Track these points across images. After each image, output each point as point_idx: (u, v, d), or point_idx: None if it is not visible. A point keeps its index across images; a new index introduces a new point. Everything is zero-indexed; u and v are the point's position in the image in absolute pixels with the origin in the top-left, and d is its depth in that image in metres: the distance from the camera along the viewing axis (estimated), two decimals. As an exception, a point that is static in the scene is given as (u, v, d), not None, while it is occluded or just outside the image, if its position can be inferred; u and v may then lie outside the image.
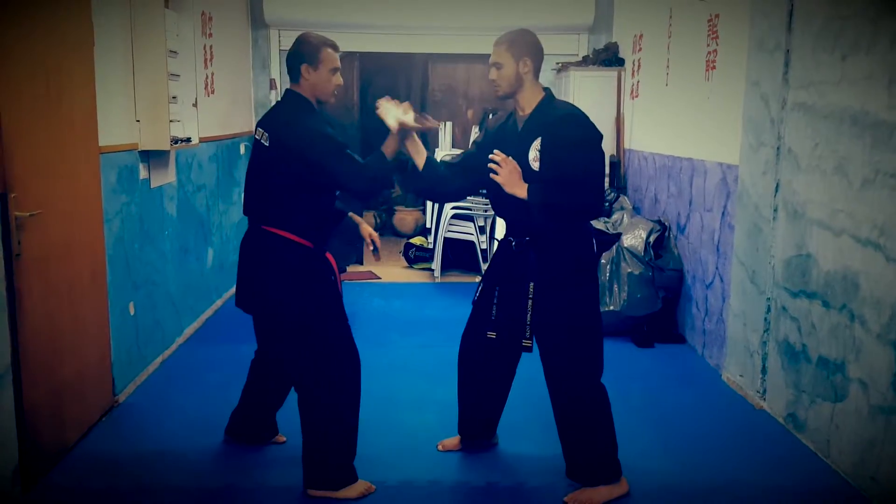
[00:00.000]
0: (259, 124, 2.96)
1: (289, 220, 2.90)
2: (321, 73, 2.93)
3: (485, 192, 3.10)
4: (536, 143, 2.87)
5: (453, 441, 3.40)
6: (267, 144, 2.88)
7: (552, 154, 2.85)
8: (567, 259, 2.92)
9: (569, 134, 2.84)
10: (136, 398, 3.93)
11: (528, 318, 2.93)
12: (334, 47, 2.97)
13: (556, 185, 2.81)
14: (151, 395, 3.99)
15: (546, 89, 3.00)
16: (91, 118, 3.51)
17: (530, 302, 2.92)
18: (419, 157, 3.02)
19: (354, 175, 2.86)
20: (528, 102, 2.96)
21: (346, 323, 3.02)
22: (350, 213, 3.30)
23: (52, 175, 3.15)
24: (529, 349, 2.98)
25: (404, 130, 2.93)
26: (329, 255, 3.04)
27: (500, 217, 3.17)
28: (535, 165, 2.87)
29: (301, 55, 2.93)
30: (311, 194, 2.91)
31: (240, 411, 3.37)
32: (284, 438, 3.41)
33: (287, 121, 2.90)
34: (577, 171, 2.81)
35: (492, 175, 2.88)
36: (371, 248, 3.36)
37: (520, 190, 2.84)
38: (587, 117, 2.90)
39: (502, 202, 2.97)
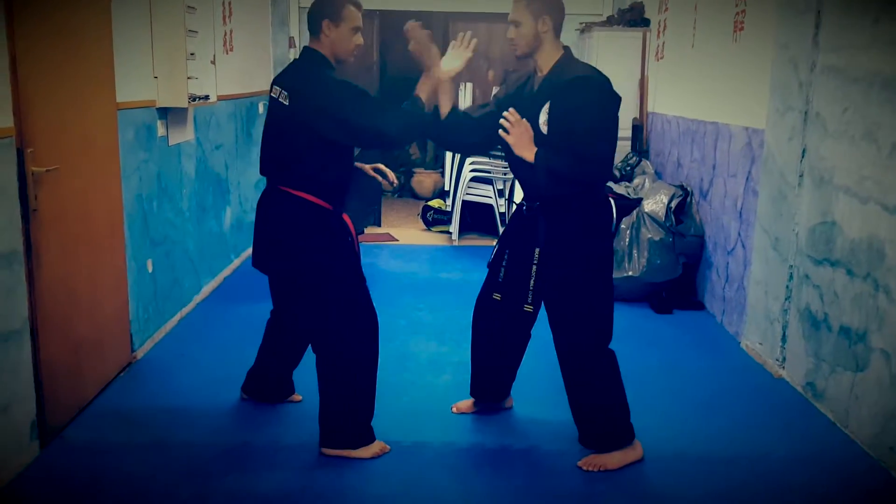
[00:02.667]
0: (275, 82, 2.91)
1: (307, 181, 2.86)
2: (342, 30, 2.88)
3: (500, 150, 3.06)
4: (546, 107, 2.81)
5: (468, 403, 3.40)
6: (286, 103, 2.82)
7: (561, 118, 2.78)
8: (577, 226, 2.87)
9: (580, 99, 2.76)
10: (153, 355, 3.96)
11: (532, 284, 2.91)
12: (357, 6, 2.91)
13: (562, 150, 2.76)
14: (169, 351, 4.01)
15: (565, 49, 2.92)
16: (108, 74, 3.49)
17: (534, 267, 2.90)
18: (446, 104, 3.00)
19: (382, 118, 2.78)
20: (546, 63, 2.89)
21: (363, 284, 3.00)
22: (357, 165, 3.24)
23: (69, 131, 3.13)
24: (532, 314, 2.98)
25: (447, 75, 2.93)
26: (346, 217, 3.01)
27: (516, 178, 3.14)
28: (545, 129, 2.82)
29: (323, 11, 2.87)
30: (330, 154, 2.86)
31: (256, 370, 3.38)
32: (300, 397, 3.42)
33: (307, 77, 2.84)
34: (584, 138, 2.74)
35: (501, 133, 2.83)
36: (380, 178, 3.29)
37: (528, 153, 2.79)
38: (604, 80, 2.81)
39: (514, 163, 2.94)
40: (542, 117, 2.82)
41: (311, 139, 2.81)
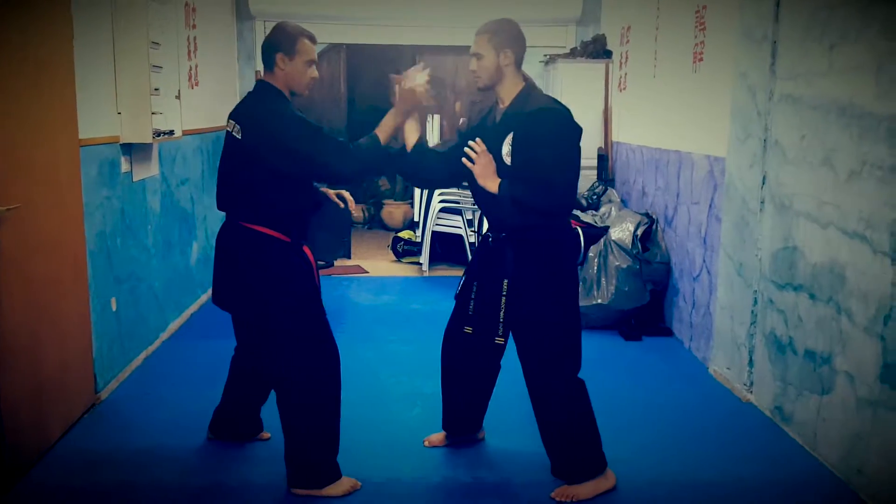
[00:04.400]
0: (230, 116, 2.91)
1: (263, 214, 2.85)
2: (296, 63, 2.88)
3: (466, 184, 3.08)
4: (509, 139, 2.83)
5: (439, 436, 3.37)
6: (239, 137, 2.83)
7: (523, 150, 2.80)
8: (543, 256, 2.89)
9: (542, 130, 2.78)
10: (118, 395, 3.88)
11: (502, 315, 2.91)
12: (312, 39, 2.91)
13: (526, 181, 2.78)
14: (134, 391, 3.94)
15: (526, 81, 2.94)
16: (71, 111, 3.46)
17: (504, 299, 2.90)
18: (412, 137, 3.02)
19: (337, 156, 2.79)
20: (507, 94, 2.92)
21: (324, 318, 2.97)
22: (322, 189, 3.22)
23: (31, 169, 3.10)
24: (502, 345, 2.97)
25: (408, 109, 2.92)
26: (307, 249, 2.99)
27: (480, 209, 3.15)
28: (508, 160, 2.84)
29: (277, 44, 2.87)
30: (285, 186, 2.84)
31: (222, 408, 3.33)
32: (269, 435, 3.37)
33: (259, 110, 2.85)
34: (547, 168, 2.76)
35: (465, 161, 2.84)
36: (342, 205, 3.24)
37: (491, 183, 2.82)
38: (565, 112, 2.85)
39: (478, 194, 2.95)
40: (505, 149, 2.84)
41: (265, 172, 2.80)
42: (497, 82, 2.90)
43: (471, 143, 2.85)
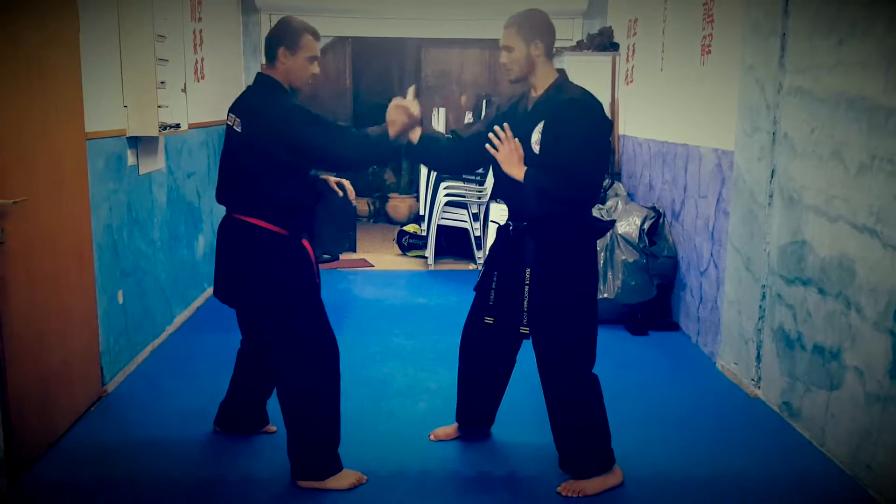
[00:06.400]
0: (230, 109, 2.90)
1: (261, 208, 2.84)
2: (298, 59, 2.87)
3: (481, 172, 3.07)
4: (540, 127, 2.83)
5: (446, 430, 3.37)
6: (239, 130, 2.82)
7: (554, 140, 2.80)
8: (563, 247, 2.87)
9: (573, 121, 2.78)
10: (125, 388, 3.89)
11: (525, 305, 2.89)
12: (315, 35, 2.90)
13: (553, 172, 2.77)
14: (141, 384, 3.94)
15: (560, 71, 2.94)
16: (77, 104, 3.45)
17: (527, 288, 2.88)
18: (415, 135, 3.00)
19: (342, 142, 2.79)
20: (540, 83, 2.91)
21: (322, 311, 2.96)
22: (322, 176, 3.22)
23: (37, 162, 3.09)
24: (527, 335, 2.94)
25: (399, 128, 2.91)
26: (305, 242, 2.98)
27: (501, 198, 3.13)
28: (536, 149, 2.83)
29: (280, 38, 2.86)
30: (283, 178, 2.83)
31: (228, 402, 3.33)
32: (275, 428, 3.37)
33: (260, 103, 2.84)
34: (576, 161, 2.76)
35: (489, 149, 2.83)
36: (341, 194, 3.21)
37: (517, 171, 2.81)
38: (598, 104, 2.85)
39: (502, 181, 2.94)
40: (535, 136, 2.83)
41: (264, 164, 2.79)
42: (529, 73, 2.90)
43: (496, 128, 2.84)
